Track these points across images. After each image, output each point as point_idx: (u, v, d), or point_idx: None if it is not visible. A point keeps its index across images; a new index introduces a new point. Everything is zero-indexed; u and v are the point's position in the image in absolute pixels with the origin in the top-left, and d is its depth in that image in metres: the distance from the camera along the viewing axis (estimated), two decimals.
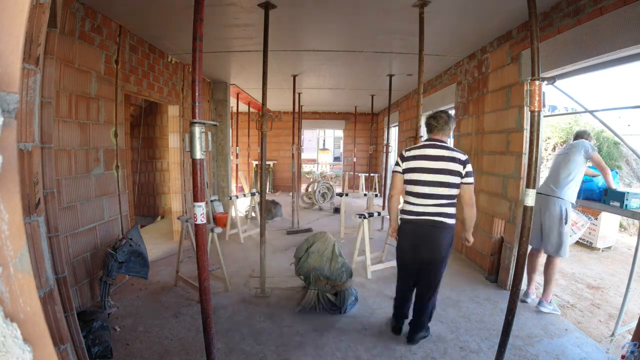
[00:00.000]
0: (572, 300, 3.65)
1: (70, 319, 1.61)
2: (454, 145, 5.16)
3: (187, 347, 2.47)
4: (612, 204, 2.79)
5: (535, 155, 1.91)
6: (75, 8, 2.83)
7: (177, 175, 5.15)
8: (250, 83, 6.79)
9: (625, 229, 6.87)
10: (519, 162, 3.39)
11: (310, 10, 3.24)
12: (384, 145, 6.91)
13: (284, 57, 4.86)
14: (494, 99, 3.89)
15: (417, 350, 2.49)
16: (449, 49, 4.32)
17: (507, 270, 3.50)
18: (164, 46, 4.36)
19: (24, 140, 0.94)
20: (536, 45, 1.87)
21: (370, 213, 4.05)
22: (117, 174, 3.51)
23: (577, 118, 9.19)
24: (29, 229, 0.93)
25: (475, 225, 2.25)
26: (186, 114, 5.24)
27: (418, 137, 3.07)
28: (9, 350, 0.41)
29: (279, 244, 5.15)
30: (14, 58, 0.45)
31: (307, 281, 3.10)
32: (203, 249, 1.85)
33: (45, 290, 1.01)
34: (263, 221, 3.34)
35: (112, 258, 2.95)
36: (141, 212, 6.71)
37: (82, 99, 2.98)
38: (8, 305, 0.43)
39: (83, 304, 2.93)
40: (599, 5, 2.46)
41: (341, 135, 12.92)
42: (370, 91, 7.49)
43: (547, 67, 2.94)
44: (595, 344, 2.59)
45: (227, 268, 3.51)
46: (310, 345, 2.53)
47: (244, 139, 10.57)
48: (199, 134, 1.76)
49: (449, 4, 3.00)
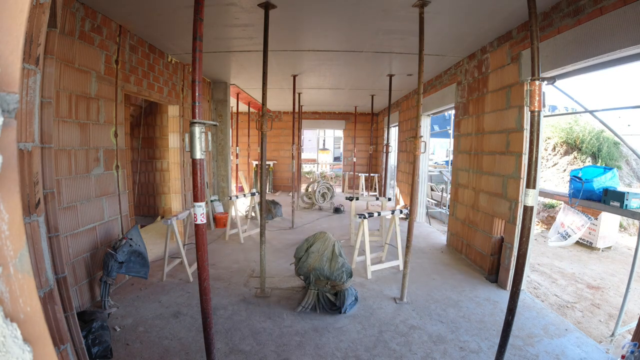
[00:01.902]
0: (572, 300, 3.65)
1: (70, 319, 1.61)
2: (454, 145, 5.17)
3: (187, 347, 2.47)
4: (612, 204, 2.78)
5: (535, 155, 1.91)
6: (75, 8, 2.83)
7: (177, 175, 5.15)
8: (250, 83, 6.79)
9: (625, 229, 6.87)
10: (519, 162, 3.39)
11: (310, 10, 3.24)
12: (384, 145, 6.91)
13: (284, 57, 4.86)
14: (494, 99, 3.89)
15: (417, 350, 2.49)
16: (449, 49, 4.32)
17: (507, 270, 3.50)
18: (164, 46, 4.36)
19: (24, 140, 0.94)
20: (536, 45, 1.87)
21: (370, 213, 4.05)
22: (117, 174, 3.51)
23: (577, 118, 9.20)
24: (29, 229, 0.93)
25: (475, 225, 2.26)
26: (186, 114, 5.24)
27: (418, 137, 3.07)
28: (9, 350, 0.41)
29: (279, 244, 5.15)
30: (14, 58, 0.45)
31: (307, 281, 3.10)
32: (203, 249, 1.85)
33: (45, 290, 1.01)
34: (263, 221, 3.34)
35: (112, 258, 2.95)
36: (141, 212, 6.70)
37: (82, 99, 2.98)
38: (8, 305, 0.43)
39: (83, 304, 2.93)
40: (599, 5, 2.46)
41: (341, 135, 12.93)
42: (370, 91, 7.49)
43: (547, 67, 2.94)
44: (595, 344, 2.59)
45: (227, 268, 3.51)
46: (310, 345, 2.54)
47: (244, 139, 10.57)
48: (199, 134, 1.76)
49: (449, 4, 3.00)
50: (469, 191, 4.51)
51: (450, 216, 5.19)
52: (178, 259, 3.90)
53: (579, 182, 3.14)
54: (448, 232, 5.21)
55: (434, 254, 4.77)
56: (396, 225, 4.09)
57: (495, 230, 3.81)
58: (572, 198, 3.18)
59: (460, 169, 4.81)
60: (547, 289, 3.95)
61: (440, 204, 7.88)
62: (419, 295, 3.40)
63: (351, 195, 5.40)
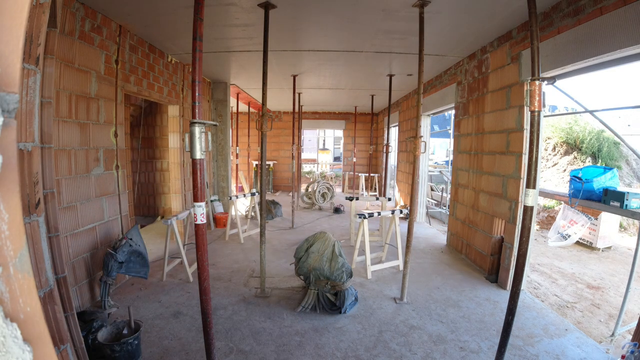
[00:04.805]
0: (572, 300, 3.65)
1: (70, 319, 1.61)
2: (454, 145, 5.17)
3: (187, 347, 2.47)
4: (612, 204, 2.78)
5: (535, 155, 1.91)
6: (75, 8, 2.83)
7: (177, 175, 5.15)
8: (250, 83, 6.79)
9: (625, 229, 6.87)
10: (519, 162, 3.39)
11: (310, 10, 3.24)
12: (384, 145, 6.91)
13: (284, 57, 4.86)
14: (494, 99, 3.89)
15: (417, 350, 2.49)
16: (449, 49, 4.32)
17: (507, 270, 3.50)
18: (163, 46, 4.36)
19: (24, 140, 0.94)
20: (536, 45, 1.87)
21: (370, 213, 4.05)
22: (117, 174, 3.51)
23: (577, 118, 9.20)
24: (29, 229, 0.93)
25: (475, 225, 2.25)
26: (186, 114, 5.24)
27: (418, 137, 3.07)
28: (9, 350, 0.41)
29: (279, 244, 5.15)
30: (14, 58, 0.45)
31: (307, 281, 3.10)
32: (203, 249, 1.85)
33: (45, 290, 1.01)
34: (263, 221, 3.34)
35: (112, 258, 2.95)
36: (141, 212, 6.70)
37: (82, 99, 2.98)
38: (8, 305, 0.43)
39: (83, 304, 2.93)
40: (599, 5, 2.46)
41: (341, 135, 12.93)
42: (370, 91, 7.49)
43: (547, 67, 2.94)
44: (595, 344, 2.59)
45: (227, 268, 3.51)
46: (310, 345, 2.54)
47: (244, 139, 10.58)
48: (199, 134, 1.76)
49: (449, 4, 3.00)
50: (469, 191, 4.51)
51: (450, 216, 5.19)
52: (178, 259, 3.90)
53: (579, 182, 3.14)
54: (448, 232, 5.21)
55: (434, 254, 4.77)
56: (396, 225, 4.09)
57: (495, 230, 3.81)
58: (572, 198, 3.18)
59: (460, 169, 4.81)
60: (547, 289, 3.95)
61: (440, 204, 7.88)
62: (419, 295, 3.40)
63: (351, 195, 5.39)
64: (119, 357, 2.11)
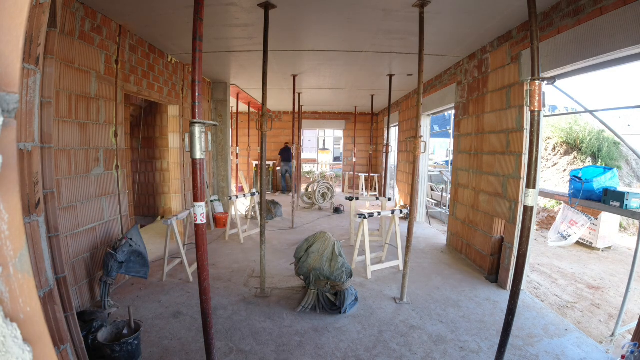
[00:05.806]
0: (572, 300, 3.65)
1: (70, 319, 1.61)
2: (454, 145, 5.17)
3: (187, 347, 2.47)
4: (612, 204, 2.78)
5: (535, 155, 1.91)
6: (75, 8, 2.83)
7: (177, 175, 5.15)
8: (250, 83, 6.79)
9: (625, 229, 6.87)
10: (519, 162, 3.39)
11: (310, 10, 3.24)
12: (384, 145, 6.91)
13: (284, 57, 4.86)
14: (494, 99, 3.89)
15: (417, 350, 2.49)
16: (449, 49, 4.32)
17: (507, 270, 3.50)
18: (163, 46, 4.36)
19: (24, 140, 0.94)
20: (536, 45, 1.87)
21: (370, 213, 4.05)
22: (117, 174, 3.51)
23: (577, 118, 9.20)
24: (29, 229, 0.93)
25: (475, 225, 2.26)
26: (186, 114, 5.24)
27: (418, 137, 3.07)
28: (9, 350, 0.41)
29: (279, 244, 5.15)
30: (14, 58, 0.45)
31: (307, 281, 3.10)
32: (203, 249, 1.85)
33: (45, 290, 1.01)
34: (263, 221, 3.34)
35: (112, 258, 2.95)
36: (141, 212, 6.70)
37: (82, 99, 2.98)
38: (8, 305, 0.43)
39: (83, 304, 2.93)
40: (599, 5, 2.46)
41: (341, 135, 12.93)
42: (370, 91, 7.49)
43: (547, 67, 2.94)
44: (595, 344, 2.59)
45: (227, 268, 3.51)
46: (310, 345, 2.54)
47: (244, 139, 10.58)
48: (199, 134, 1.76)
49: (449, 4, 3.00)
50: (469, 191, 4.51)
51: (450, 216, 5.19)
52: (178, 259, 3.90)
53: (579, 182, 3.14)
54: (448, 232, 5.21)
55: (434, 254, 4.77)
56: (396, 225, 4.09)
57: (495, 230, 3.81)
58: (572, 198, 3.18)
59: (460, 169, 4.80)
60: (547, 289, 3.95)
61: (440, 204, 7.87)
62: (419, 295, 3.40)
63: (351, 195, 5.38)
64: (119, 357, 2.11)
